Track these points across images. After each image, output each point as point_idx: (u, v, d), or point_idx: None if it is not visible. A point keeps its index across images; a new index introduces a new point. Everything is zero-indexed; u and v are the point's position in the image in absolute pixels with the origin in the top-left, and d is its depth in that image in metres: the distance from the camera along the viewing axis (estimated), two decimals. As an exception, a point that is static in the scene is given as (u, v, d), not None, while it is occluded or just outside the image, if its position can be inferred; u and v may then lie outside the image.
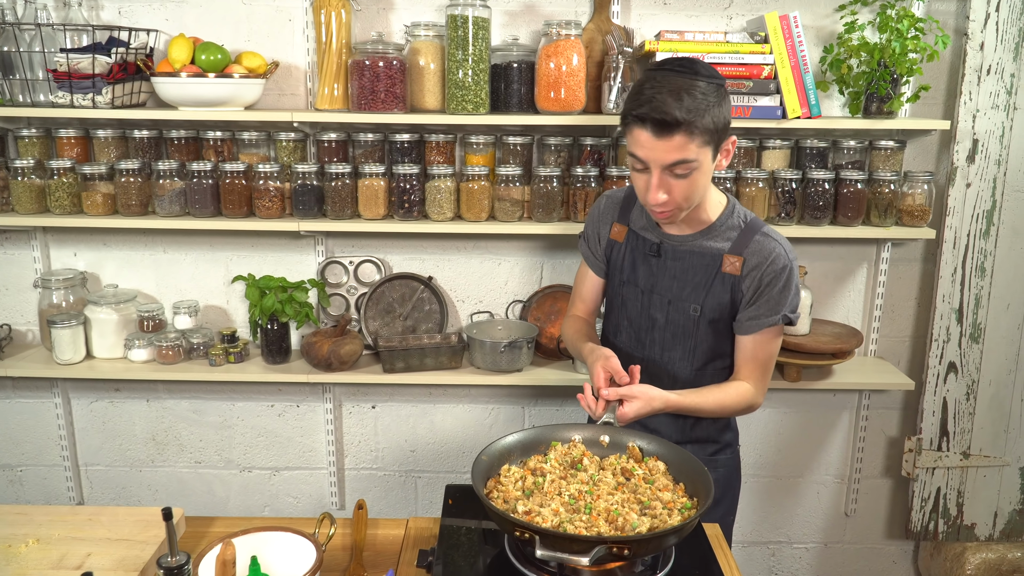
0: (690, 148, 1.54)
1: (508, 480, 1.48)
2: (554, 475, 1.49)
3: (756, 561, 2.90)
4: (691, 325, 1.77)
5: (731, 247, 1.72)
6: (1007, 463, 2.62)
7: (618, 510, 1.36)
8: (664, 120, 1.51)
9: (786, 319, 1.72)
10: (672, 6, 2.42)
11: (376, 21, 2.43)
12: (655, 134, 1.53)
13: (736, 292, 1.73)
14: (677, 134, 1.52)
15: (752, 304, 1.72)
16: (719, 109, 1.56)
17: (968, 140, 2.40)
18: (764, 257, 1.69)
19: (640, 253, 1.82)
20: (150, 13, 2.43)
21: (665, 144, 1.54)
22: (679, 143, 1.53)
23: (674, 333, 1.80)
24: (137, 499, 2.83)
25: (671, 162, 1.55)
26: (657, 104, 1.51)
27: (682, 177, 1.58)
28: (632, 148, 1.60)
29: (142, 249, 2.61)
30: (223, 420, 2.76)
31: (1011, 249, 2.47)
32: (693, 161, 1.56)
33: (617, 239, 1.87)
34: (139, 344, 2.49)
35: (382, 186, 2.36)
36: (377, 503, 2.83)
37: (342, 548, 1.57)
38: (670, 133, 1.52)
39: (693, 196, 1.63)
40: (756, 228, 1.73)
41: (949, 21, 2.42)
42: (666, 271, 1.78)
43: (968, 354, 2.54)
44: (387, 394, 2.73)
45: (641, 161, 1.59)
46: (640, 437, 1.61)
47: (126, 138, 2.45)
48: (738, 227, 1.74)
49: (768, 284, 1.69)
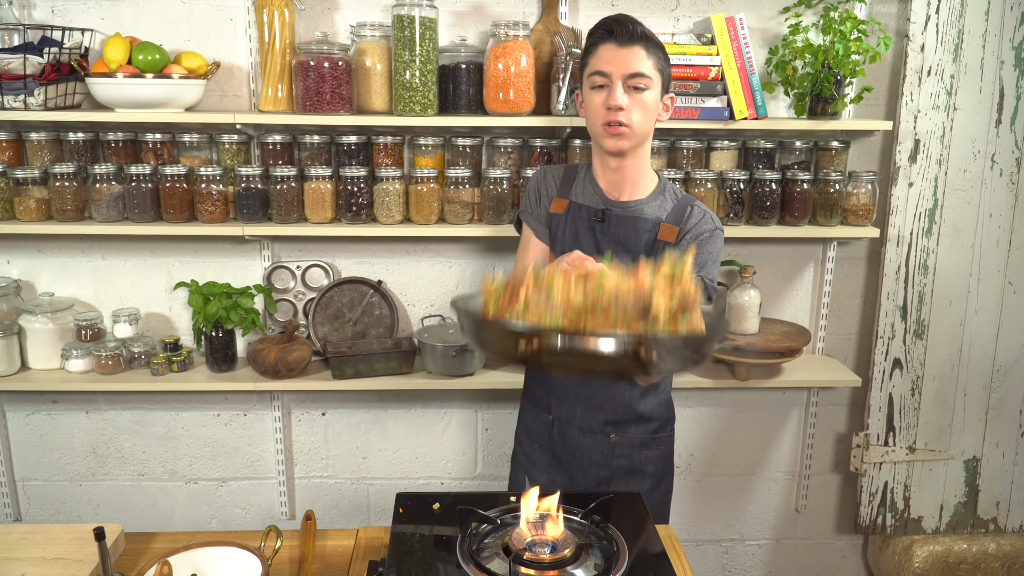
0: (647, 64, 1.75)
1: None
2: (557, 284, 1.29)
3: (709, 559, 2.92)
4: None
5: (668, 216, 1.87)
6: (952, 457, 2.67)
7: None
8: (629, 29, 1.73)
9: (702, 282, 1.77)
10: (620, 7, 2.42)
11: (321, 21, 2.39)
12: (619, 43, 1.74)
13: None
14: (637, 44, 1.74)
15: None
16: (665, 55, 1.81)
17: (910, 140, 2.44)
18: (696, 222, 1.85)
19: (584, 222, 1.90)
20: (85, 12, 2.35)
21: (626, 52, 1.74)
22: (639, 55, 1.74)
23: None
24: (78, 514, 2.74)
25: (631, 72, 1.74)
26: (623, 18, 1.76)
27: (639, 91, 1.75)
28: (595, 66, 1.77)
29: (79, 256, 2.52)
30: (167, 431, 2.68)
31: (953, 247, 2.53)
32: (648, 77, 1.75)
33: (558, 212, 1.93)
34: (77, 354, 2.40)
35: (329, 189, 2.32)
36: (328, 512, 2.78)
37: (289, 561, 1.53)
38: (631, 42, 1.74)
39: (644, 120, 1.78)
40: (689, 200, 1.90)
41: (891, 23, 2.46)
42: (610, 237, 1.87)
43: (912, 350, 2.58)
44: (337, 400, 2.69)
45: (604, 75, 1.76)
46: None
47: (60, 141, 2.37)
48: (673, 199, 1.90)
49: (697, 243, 1.82)
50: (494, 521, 1.44)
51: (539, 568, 1.29)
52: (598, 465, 1.98)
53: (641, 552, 1.41)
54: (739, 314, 2.45)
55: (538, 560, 1.30)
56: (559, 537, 1.35)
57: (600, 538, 1.41)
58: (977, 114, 2.44)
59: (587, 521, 1.46)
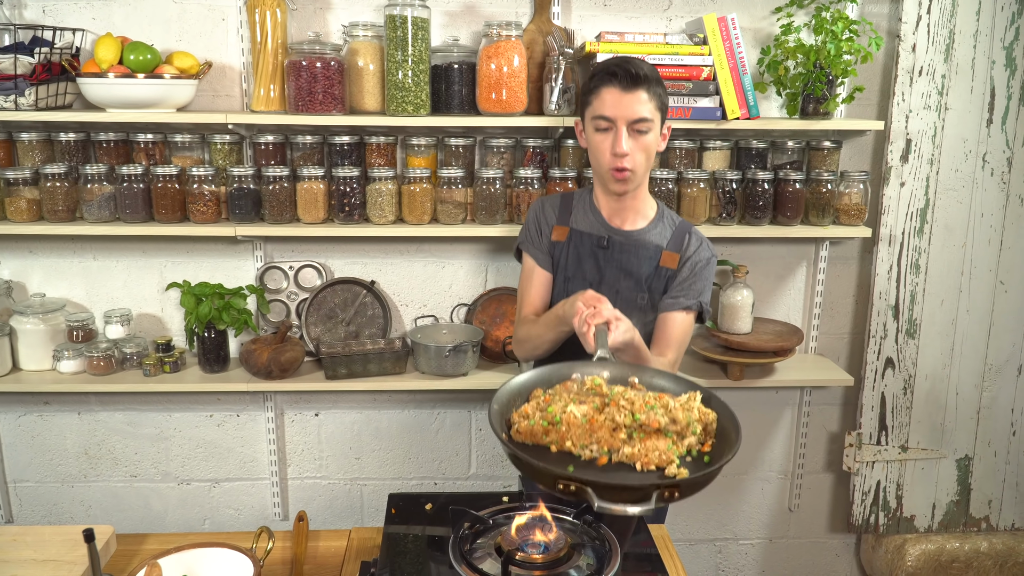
0: (649, 107, 1.76)
1: (522, 419, 1.36)
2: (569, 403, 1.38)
3: (703, 559, 2.93)
4: (637, 312, 1.88)
5: (668, 243, 1.91)
6: (944, 455, 2.68)
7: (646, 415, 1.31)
8: (634, 73, 1.73)
9: (698, 307, 1.88)
10: (612, 7, 2.42)
11: (313, 21, 2.38)
12: (623, 88, 1.74)
13: (669, 284, 1.90)
14: (640, 89, 1.74)
15: (677, 286, 1.89)
16: (664, 87, 1.81)
17: (902, 140, 2.45)
18: (694, 250, 1.91)
19: (586, 249, 1.92)
20: (76, 12, 2.34)
21: (631, 98, 1.74)
22: (642, 99, 1.75)
23: None
24: (69, 516, 2.73)
25: (636, 117, 1.75)
26: (624, 61, 1.77)
27: (642, 134, 1.77)
28: (599, 110, 1.77)
29: (70, 256, 2.51)
30: (159, 432, 2.67)
31: (944, 246, 2.53)
32: (650, 120, 1.77)
33: (559, 239, 1.95)
34: (68, 355, 2.39)
35: (321, 189, 2.31)
36: (322, 513, 2.77)
37: (281, 563, 1.53)
38: (635, 87, 1.74)
39: (647, 160, 1.82)
40: (686, 228, 1.94)
41: (882, 23, 2.47)
42: (613, 263, 1.90)
43: (904, 349, 2.59)
44: (331, 401, 2.68)
45: (608, 120, 1.76)
46: (642, 371, 1.51)
47: (51, 141, 2.36)
48: (672, 226, 1.94)
49: (692, 273, 1.89)
50: (486, 521, 1.44)
51: (531, 568, 1.29)
52: None
53: (633, 552, 1.41)
54: (732, 314, 2.45)
55: (530, 560, 1.30)
56: (551, 538, 1.35)
57: (592, 538, 1.41)
58: (968, 114, 2.45)
59: (579, 521, 1.46)
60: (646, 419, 1.30)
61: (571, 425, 1.31)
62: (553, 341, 1.83)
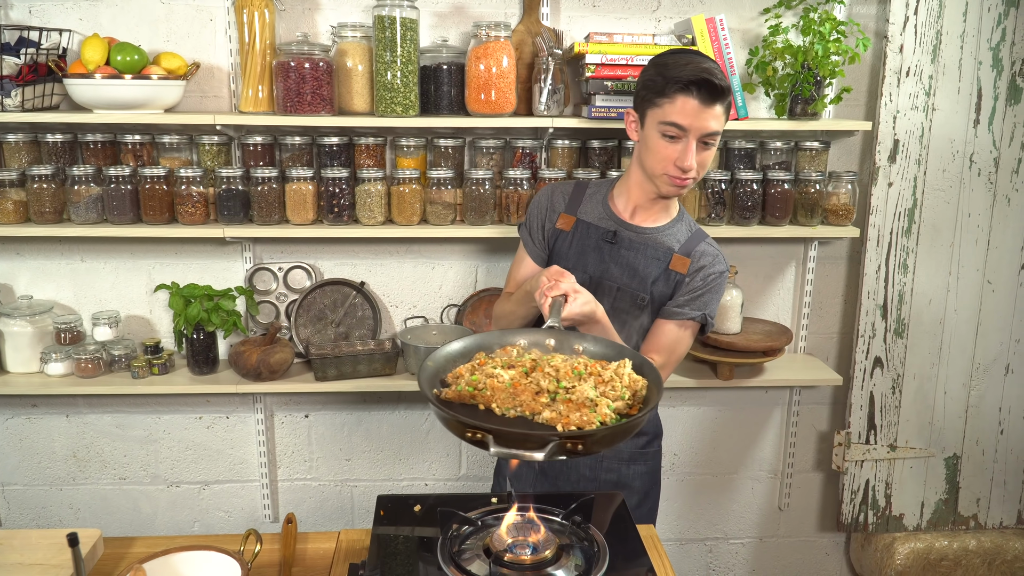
0: (721, 120, 1.69)
1: (457, 379, 1.40)
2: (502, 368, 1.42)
3: (693, 558, 2.93)
4: (636, 312, 1.84)
5: (681, 248, 1.84)
6: (932, 454, 2.69)
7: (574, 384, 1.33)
8: (717, 85, 1.63)
9: (703, 320, 1.83)
10: (601, 8, 2.43)
11: (301, 22, 2.38)
12: (703, 102, 1.64)
13: (677, 289, 1.84)
14: (719, 103, 1.66)
15: (684, 296, 1.82)
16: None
17: (889, 140, 2.46)
18: (709, 262, 1.83)
19: (591, 241, 1.87)
20: (63, 13, 2.33)
21: (709, 112, 1.65)
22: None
23: (617, 319, 1.82)
24: (58, 519, 2.71)
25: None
26: (709, 73, 1.63)
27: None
28: (672, 117, 1.66)
29: (58, 258, 2.50)
30: (148, 434, 2.66)
31: (932, 246, 2.54)
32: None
33: (564, 228, 1.90)
34: (56, 357, 2.38)
35: (311, 190, 2.31)
36: (312, 514, 2.77)
37: (270, 565, 1.52)
38: (715, 100, 1.65)
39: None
40: (703, 236, 1.88)
41: (870, 24, 2.48)
42: (618, 259, 1.84)
43: (893, 349, 2.60)
44: (320, 402, 2.68)
45: (681, 129, 1.67)
46: (588, 340, 1.52)
47: (38, 142, 2.35)
48: (688, 231, 1.87)
49: (704, 285, 1.82)
50: (475, 523, 1.44)
51: (520, 569, 1.29)
52: (585, 479, 1.96)
53: (622, 552, 1.41)
54: (721, 314, 2.46)
55: (519, 561, 1.30)
56: (540, 538, 1.35)
57: (581, 539, 1.41)
58: (955, 114, 2.46)
59: (568, 522, 1.46)
60: (570, 391, 1.33)
61: (495, 389, 1.33)
62: (524, 317, 1.81)
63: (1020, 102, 2.47)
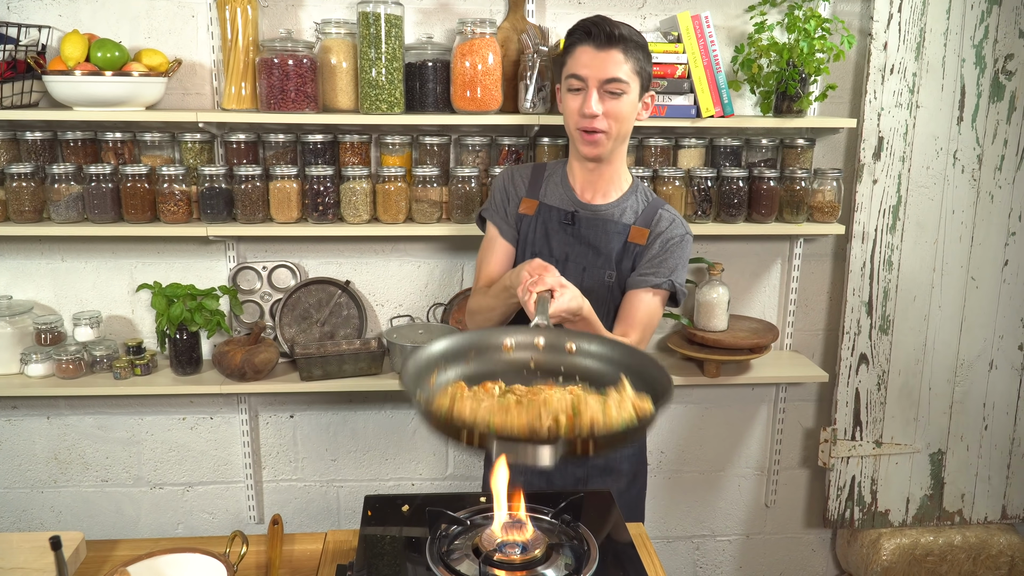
0: (624, 68, 1.71)
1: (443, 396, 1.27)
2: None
3: (681, 556, 2.93)
4: (605, 291, 1.85)
5: (638, 219, 1.86)
6: (917, 450, 2.71)
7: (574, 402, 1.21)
8: (609, 31, 1.69)
9: (671, 287, 1.82)
10: (587, 5, 2.42)
11: (285, 18, 2.36)
12: (597, 47, 1.70)
13: (638, 261, 1.85)
14: (615, 48, 1.69)
15: (646, 263, 1.83)
16: (646, 53, 1.76)
17: (874, 138, 2.47)
18: (665, 227, 1.84)
19: (554, 223, 1.87)
20: (42, 9, 2.30)
21: (604, 57, 1.69)
22: (616, 59, 1.70)
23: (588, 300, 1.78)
24: (40, 522, 2.68)
25: (608, 77, 1.70)
26: (601, 20, 1.71)
27: (615, 96, 1.72)
28: (572, 68, 1.73)
29: (38, 258, 2.47)
30: (131, 435, 2.63)
31: (916, 243, 2.56)
32: (625, 82, 1.71)
33: (527, 213, 1.90)
34: (36, 358, 2.35)
35: (295, 188, 2.29)
36: (298, 515, 2.74)
37: (256, 567, 1.50)
38: (609, 46, 1.69)
39: (621, 125, 1.75)
40: (659, 204, 1.89)
41: (854, 22, 2.49)
42: (580, 239, 1.85)
43: (878, 345, 2.61)
44: (306, 402, 2.66)
45: (580, 79, 1.72)
46: (579, 337, 1.44)
47: (17, 140, 2.31)
48: (644, 202, 1.89)
49: (663, 249, 1.83)
50: (464, 522, 1.43)
51: (509, 569, 1.28)
52: (574, 464, 1.96)
53: (611, 551, 1.41)
54: (707, 311, 2.46)
55: (508, 561, 1.29)
56: (529, 538, 1.34)
57: (570, 537, 1.40)
58: (939, 111, 2.48)
59: (557, 521, 1.45)
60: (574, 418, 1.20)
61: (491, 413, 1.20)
62: (503, 313, 1.78)
63: (1003, 99, 2.49)
